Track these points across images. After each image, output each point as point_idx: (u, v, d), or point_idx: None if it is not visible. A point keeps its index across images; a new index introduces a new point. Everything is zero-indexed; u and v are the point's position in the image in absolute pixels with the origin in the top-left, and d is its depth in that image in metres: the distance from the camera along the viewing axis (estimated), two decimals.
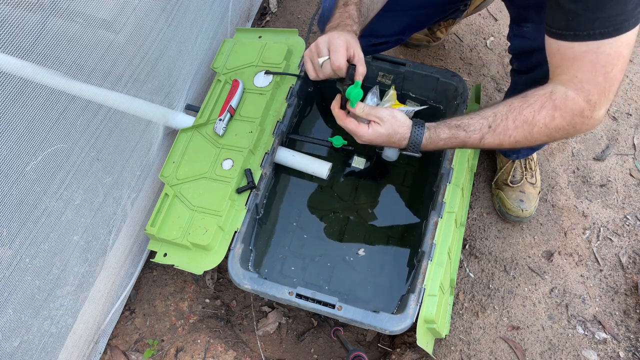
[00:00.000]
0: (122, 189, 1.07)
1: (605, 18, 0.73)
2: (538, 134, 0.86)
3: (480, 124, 0.89)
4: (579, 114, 0.82)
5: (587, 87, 0.80)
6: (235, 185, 1.14)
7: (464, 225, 1.27)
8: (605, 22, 0.73)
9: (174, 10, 1.10)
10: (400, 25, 1.20)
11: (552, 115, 0.84)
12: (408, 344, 1.22)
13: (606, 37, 0.74)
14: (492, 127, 0.88)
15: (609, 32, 0.73)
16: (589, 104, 0.81)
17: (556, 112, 0.83)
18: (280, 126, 1.22)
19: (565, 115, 0.83)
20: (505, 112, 0.87)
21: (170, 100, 1.20)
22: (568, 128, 0.85)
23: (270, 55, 1.30)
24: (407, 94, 1.36)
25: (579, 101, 0.81)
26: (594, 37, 0.74)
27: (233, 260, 1.07)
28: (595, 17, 0.73)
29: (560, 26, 0.78)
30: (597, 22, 0.73)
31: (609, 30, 0.73)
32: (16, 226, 0.78)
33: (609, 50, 0.75)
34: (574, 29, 0.76)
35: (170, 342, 1.22)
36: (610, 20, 0.73)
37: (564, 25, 0.77)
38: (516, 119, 0.86)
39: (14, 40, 0.67)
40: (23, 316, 0.85)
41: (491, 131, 0.88)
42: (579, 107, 0.82)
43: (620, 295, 1.29)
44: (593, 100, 0.80)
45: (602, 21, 0.73)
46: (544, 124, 0.85)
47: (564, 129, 0.85)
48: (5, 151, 0.72)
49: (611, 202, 1.42)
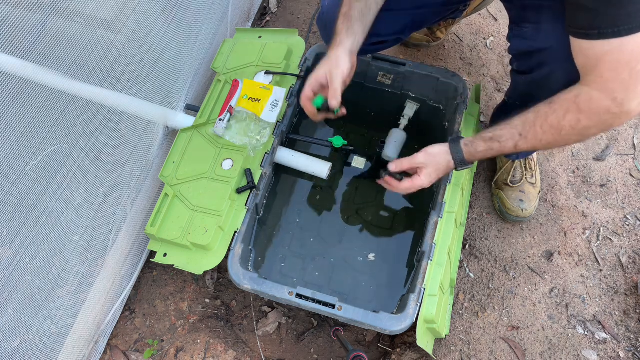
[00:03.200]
0: (122, 189, 1.07)
1: (628, 14, 0.72)
2: (568, 136, 0.89)
3: (511, 134, 0.95)
4: (605, 112, 0.82)
5: (612, 86, 0.80)
6: (235, 185, 1.14)
7: (464, 225, 1.27)
8: (628, 19, 0.72)
9: (174, 10, 1.10)
10: (400, 24, 1.20)
11: (577, 118, 0.85)
12: (408, 344, 1.22)
13: (631, 32, 0.73)
14: (522, 134, 0.93)
15: (633, 27, 0.73)
16: (615, 101, 0.81)
17: (581, 115, 0.85)
18: (280, 126, 1.22)
19: (591, 116, 0.84)
20: (533, 120, 0.91)
21: (170, 100, 1.20)
22: (599, 126, 0.85)
23: (270, 55, 1.30)
24: (407, 94, 1.36)
25: (603, 101, 0.81)
26: (619, 34, 0.74)
27: (233, 260, 1.07)
28: (619, 13, 0.72)
29: (583, 25, 0.78)
30: (620, 18, 0.73)
31: (633, 26, 0.73)
32: (16, 226, 0.78)
33: (632, 47, 0.75)
34: (598, 27, 0.75)
35: (170, 342, 1.22)
36: (633, 16, 0.72)
37: (587, 25, 0.77)
38: (543, 125, 0.90)
39: (14, 40, 0.67)
40: (23, 316, 0.85)
41: (522, 138, 0.93)
42: (604, 106, 0.82)
43: (620, 295, 1.29)
44: (619, 97, 0.80)
45: (625, 17, 0.72)
46: (571, 126, 0.87)
47: (594, 127, 0.86)
48: (5, 151, 0.72)
49: (611, 202, 1.42)
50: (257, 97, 1.19)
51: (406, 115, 1.35)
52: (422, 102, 1.36)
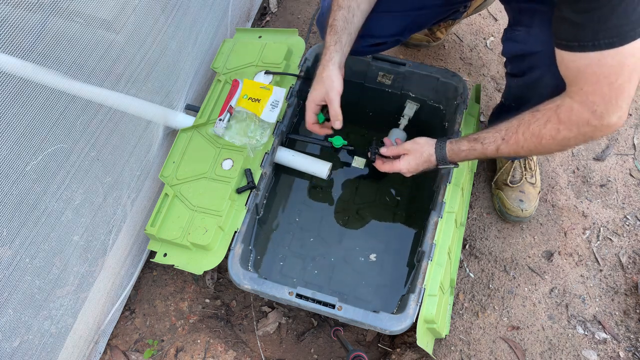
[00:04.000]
0: (122, 189, 1.07)
1: (610, 28, 0.72)
2: (548, 145, 0.90)
3: (494, 137, 0.97)
4: (584, 124, 0.83)
5: (592, 99, 0.80)
6: (235, 185, 1.14)
7: (464, 225, 1.27)
8: (610, 32, 0.73)
9: (174, 10, 1.10)
10: (399, 26, 1.19)
11: (557, 128, 0.87)
12: (408, 344, 1.22)
13: (611, 47, 0.74)
14: (505, 139, 0.95)
15: (614, 42, 0.73)
16: (595, 114, 0.81)
17: (560, 126, 0.86)
18: (280, 126, 1.22)
19: (571, 127, 0.85)
20: (517, 126, 0.93)
21: (170, 100, 1.20)
22: (578, 137, 0.86)
23: (270, 55, 1.30)
24: (407, 94, 1.37)
25: (584, 113, 0.82)
26: (599, 47, 0.74)
27: (233, 260, 1.07)
28: (600, 27, 0.73)
29: (565, 37, 0.79)
30: (602, 32, 0.73)
31: (614, 41, 0.73)
32: (16, 226, 0.78)
33: (611, 61, 0.75)
34: (579, 40, 0.76)
35: (170, 342, 1.22)
36: (615, 30, 0.72)
37: (570, 37, 0.78)
38: (525, 132, 0.91)
39: (14, 40, 0.67)
40: (23, 316, 0.85)
41: (504, 142, 0.95)
42: (583, 118, 0.83)
43: (620, 295, 1.29)
44: (599, 110, 0.81)
45: (607, 31, 0.73)
46: (551, 136, 0.88)
47: (574, 139, 0.87)
48: (5, 151, 0.72)
49: (611, 202, 1.42)
50: (257, 97, 1.19)
51: (406, 115, 1.35)
52: (422, 102, 1.36)
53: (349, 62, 1.35)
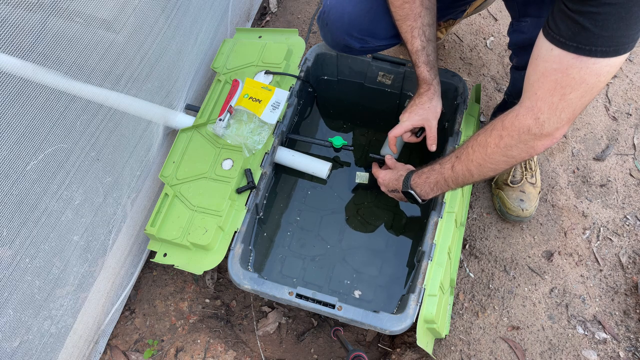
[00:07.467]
0: (122, 189, 1.07)
1: (609, 37, 0.72)
2: (493, 154, 0.90)
3: (449, 157, 1.00)
4: (525, 131, 0.84)
5: (540, 105, 0.81)
6: (235, 185, 1.14)
7: (464, 225, 1.27)
8: (608, 41, 0.72)
9: (174, 10, 1.09)
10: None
11: (500, 134, 0.88)
12: (408, 344, 1.22)
13: (605, 56, 0.73)
14: (458, 156, 0.97)
15: (609, 51, 0.73)
16: (537, 122, 0.82)
17: (503, 132, 0.87)
18: (280, 126, 1.22)
19: (512, 133, 0.86)
20: (468, 142, 0.96)
21: (170, 100, 1.20)
22: (519, 145, 0.87)
23: (270, 55, 1.30)
24: (407, 94, 1.36)
25: (527, 119, 0.83)
26: (594, 54, 0.73)
27: (233, 260, 1.07)
28: (601, 34, 0.72)
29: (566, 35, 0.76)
30: (600, 39, 0.72)
31: (610, 50, 0.73)
32: (16, 226, 0.78)
33: (578, 70, 0.75)
34: (578, 42, 0.75)
35: (170, 342, 1.22)
36: (614, 41, 0.72)
37: (569, 36, 0.76)
38: (473, 145, 0.93)
39: (14, 40, 0.67)
40: (23, 316, 0.85)
41: (458, 160, 0.97)
42: (525, 125, 0.83)
43: (620, 295, 1.29)
44: (542, 118, 0.81)
45: (605, 40, 0.72)
46: (495, 144, 0.89)
47: (515, 147, 0.87)
48: (5, 151, 0.72)
49: (611, 202, 1.42)
50: (258, 97, 1.19)
51: None
52: None
53: (349, 62, 1.35)
